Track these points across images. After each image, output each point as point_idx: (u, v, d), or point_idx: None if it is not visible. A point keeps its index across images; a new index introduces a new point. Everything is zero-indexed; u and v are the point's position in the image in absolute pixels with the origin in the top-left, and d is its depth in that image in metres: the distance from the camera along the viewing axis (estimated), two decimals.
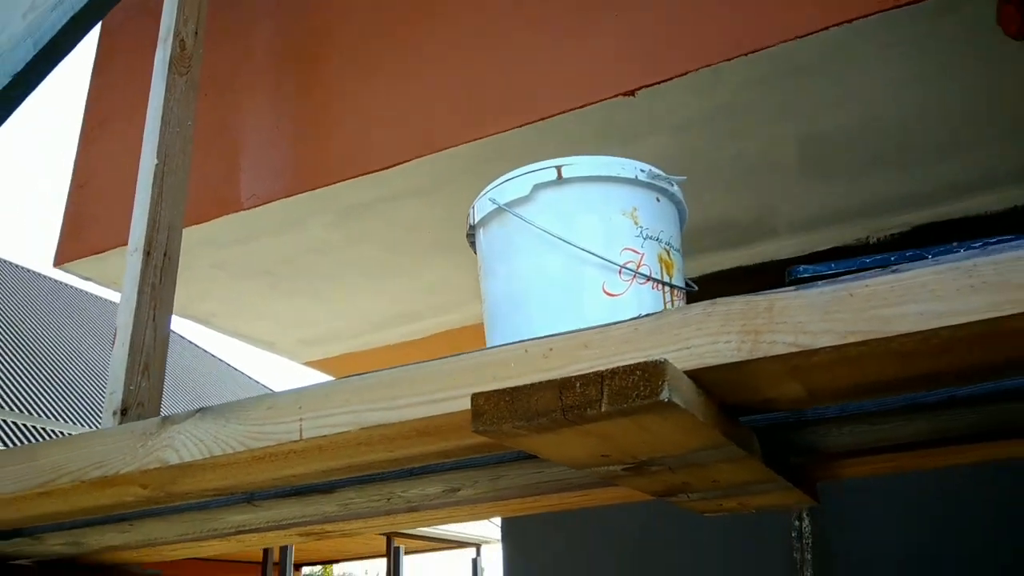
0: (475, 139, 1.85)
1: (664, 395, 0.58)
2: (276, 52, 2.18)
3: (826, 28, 1.50)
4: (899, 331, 0.59)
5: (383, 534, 10.73)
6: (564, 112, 1.76)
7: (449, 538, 12.98)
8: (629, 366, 0.60)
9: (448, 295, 2.57)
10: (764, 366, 0.64)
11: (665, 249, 0.84)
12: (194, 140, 1.76)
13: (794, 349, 0.62)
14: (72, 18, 0.81)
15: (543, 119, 1.78)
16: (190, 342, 16.70)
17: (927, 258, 0.77)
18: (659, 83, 1.67)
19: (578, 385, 0.61)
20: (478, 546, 13.27)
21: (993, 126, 1.83)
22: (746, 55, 1.58)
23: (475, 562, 12.72)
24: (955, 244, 0.79)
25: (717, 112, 1.77)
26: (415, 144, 1.91)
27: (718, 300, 0.66)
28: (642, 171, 0.84)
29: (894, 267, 0.61)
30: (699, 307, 0.66)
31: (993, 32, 1.53)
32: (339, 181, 1.97)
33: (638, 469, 0.81)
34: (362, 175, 1.95)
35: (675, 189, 0.90)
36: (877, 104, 1.77)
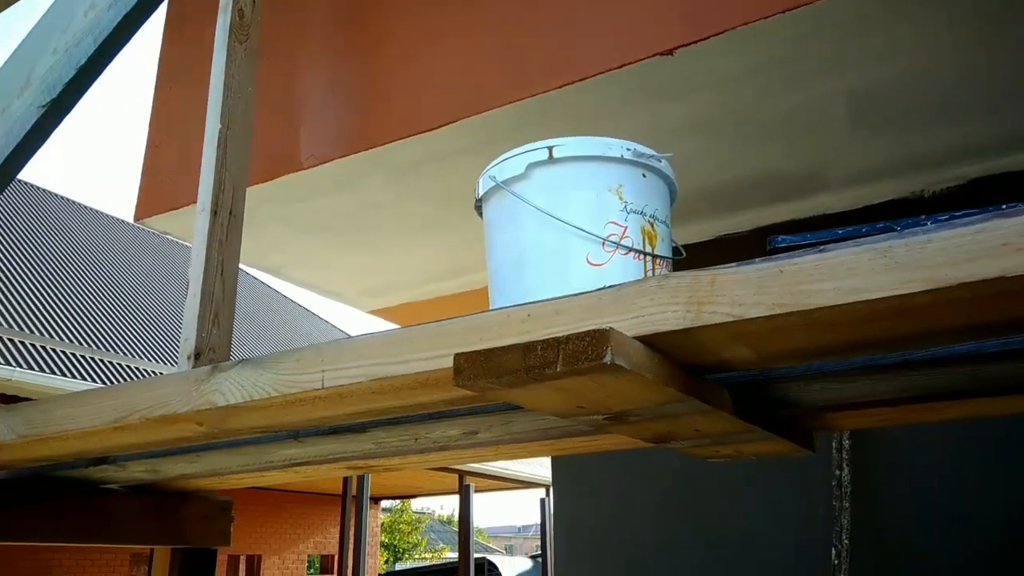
0: (519, 99, 1.94)
1: (608, 358, 0.69)
2: (331, 17, 2.30)
3: None
4: (819, 304, 0.67)
5: (454, 471, 11.23)
6: (604, 72, 1.82)
7: (518, 478, 13.42)
8: (580, 332, 0.71)
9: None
10: (708, 332, 0.74)
11: (649, 222, 0.93)
12: (256, 103, 1.92)
13: (730, 319, 0.71)
14: (125, 15, 0.95)
15: (584, 79, 1.85)
16: (274, 290, 17.51)
17: (896, 231, 0.84)
18: (697, 42, 1.71)
19: (539, 348, 0.73)
20: (547, 487, 13.68)
21: None
22: (783, 12, 1.60)
23: (543, 502, 13.13)
24: (924, 217, 0.86)
25: (761, 68, 1.80)
26: (462, 105, 2.01)
27: (671, 275, 0.76)
28: (628, 150, 0.93)
29: (821, 247, 0.69)
30: (654, 280, 0.76)
31: None
32: (391, 141, 2.10)
33: (618, 418, 0.92)
34: (412, 135, 2.08)
35: (662, 165, 0.98)
36: (926, 58, 1.76)
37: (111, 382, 8.45)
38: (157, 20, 2.29)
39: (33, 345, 8.46)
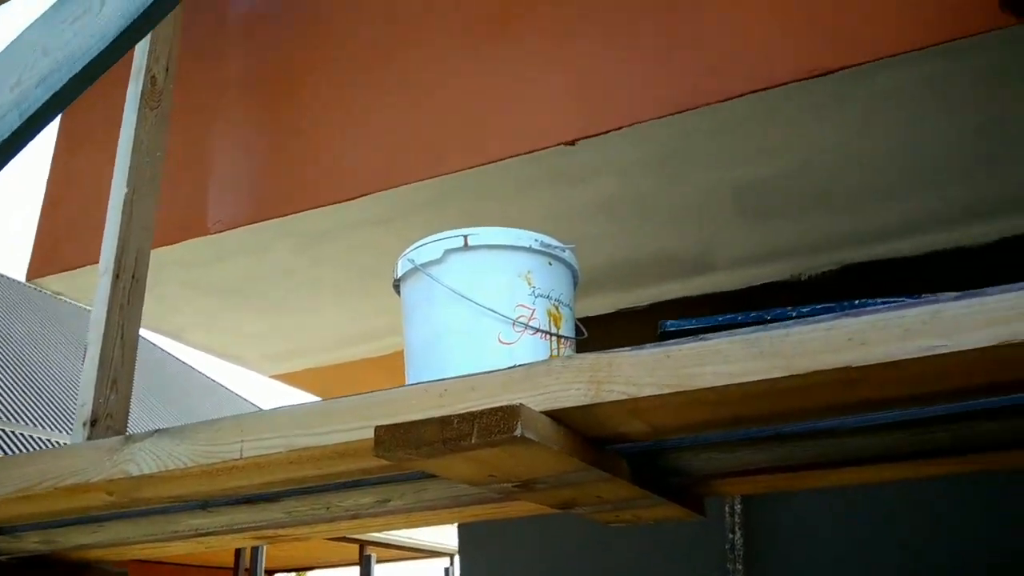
0: (433, 176, 2.05)
1: (518, 431, 0.78)
2: (247, 84, 2.37)
3: (743, 95, 1.71)
4: (701, 385, 0.79)
5: (355, 541, 10.88)
6: (512, 156, 1.96)
7: (422, 547, 13.13)
8: (493, 408, 0.80)
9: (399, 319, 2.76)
10: (607, 408, 0.84)
11: (555, 305, 1.04)
12: (166, 164, 1.95)
13: (626, 396, 0.82)
14: (53, 94, 0.99)
15: (493, 162, 1.98)
16: (176, 358, 16.87)
17: (767, 320, 0.97)
18: (596, 135, 1.87)
19: (456, 422, 0.81)
20: (451, 555, 13.42)
21: (914, 176, 2.05)
22: (671, 115, 1.79)
23: (447, 571, 12.87)
24: (791, 309, 0.99)
25: (655, 159, 1.99)
26: (377, 178, 2.11)
27: (574, 356, 0.86)
28: (536, 240, 1.04)
29: (702, 336, 0.81)
30: (559, 361, 0.87)
31: (911, 94, 1.75)
32: (302, 210, 2.16)
33: (526, 486, 1.01)
34: (326, 205, 2.14)
35: (567, 254, 1.10)
36: (806, 153, 1.99)
37: None
38: None
39: None
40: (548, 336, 1.02)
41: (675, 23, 1.85)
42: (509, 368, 0.88)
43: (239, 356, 3.07)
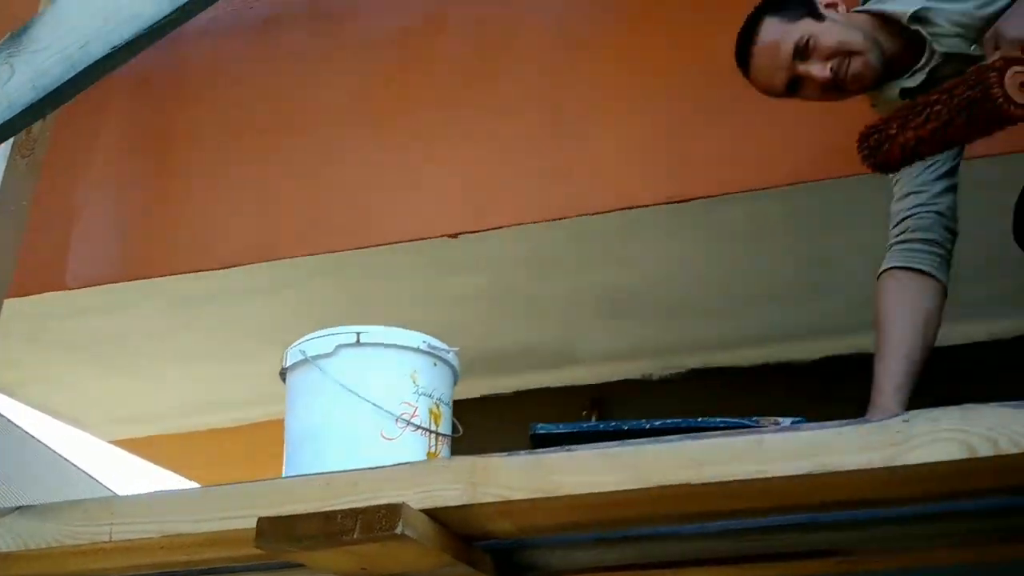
0: (314, 253, 2.10)
1: (399, 529, 0.85)
2: (125, 142, 2.35)
3: (610, 211, 1.91)
4: (565, 492, 0.90)
5: None
6: (393, 243, 2.06)
7: None
8: (376, 505, 0.87)
9: (260, 389, 2.71)
10: (481, 509, 0.93)
11: (436, 404, 1.13)
12: (32, 215, 1.89)
13: (500, 499, 0.91)
14: None
15: (377, 245, 2.07)
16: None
17: (624, 430, 1.10)
18: (479, 231, 2.01)
19: (339, 517, 0.87)
20: None
21: (752, 296, 2.32)
22: (549, 221, 1.96)
23: None
24: (646, 422, 1.12)
25: (528, 258, 2.14)
26: (256, 249, 2.13)
27: (456, 458, 0.95)
28: (424, 342, 1.14)
29: (569, 448, 0.92)
30: (441, 461, 0.95)
31: (752, 225, 2.00)
32: (170, 274, 2.14)
33: None
34: (196, 272, 2.13)
35: (451, 356, 1.20)
36: (662, 266, 2.21)
37: None
38: None
39: None
40: (427, 433, 1.10)
41: (559, 141, 2.03)
42: (393, 465, 0.95)
43: (78, 417, 2.90)
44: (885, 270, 1.34)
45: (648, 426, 1.08)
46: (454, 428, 1.19)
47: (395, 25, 2.35)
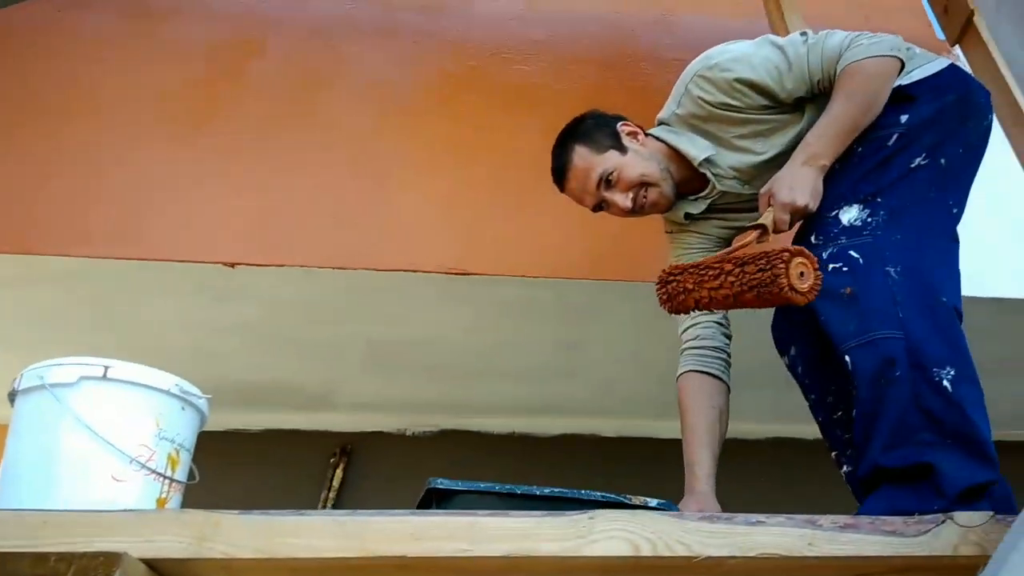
0: (64, 255, 2.00)
1: None
2: None
3: (390, 270, 2.02)
4: (289, 555, 0.96)
5: None
6: (167, 260, 2.01)
7: None
8: (96, 551, 0.88)
9: None
10: (203, 564, 0.97)
11: (176, 449, 1.14)
12: None
13: (223, 556, 0.96)
14: None
15: (148, 260, 2.01)
16: None
17: (517, 493, 1.16)
18: (257, 265, 2.02)
19: (52, 560, 0.87)
20: None
21: (509, 369, 2.51)
22: (331, 268, 2.02)
23: None
24: (535, 488, 1.17)
25: (299, 300, 2.18)
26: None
27: (186, 510, 0.98)
28: (176, 385, 1.15)
29: (303, 511, 0.99)
30: (171, 512, 0.98)
31: (518, 305, 2.19)
32: None
33: None
34: None
35: (202, 403, 1.22)
36: (431, 329, 2.33)
37: None
38: None
39: None
40: (161, 479, 1.11)
41: (358, 193, 2.12)
42: (120, 511, 0.96)
43: None
44: (683, 373, 1.52)
45: (539, 492, 1.15)
46: (191, 475, 1.20)
47: (213, 37, 2.34)
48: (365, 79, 2.34)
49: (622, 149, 1.47)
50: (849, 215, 1.26)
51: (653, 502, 1.15)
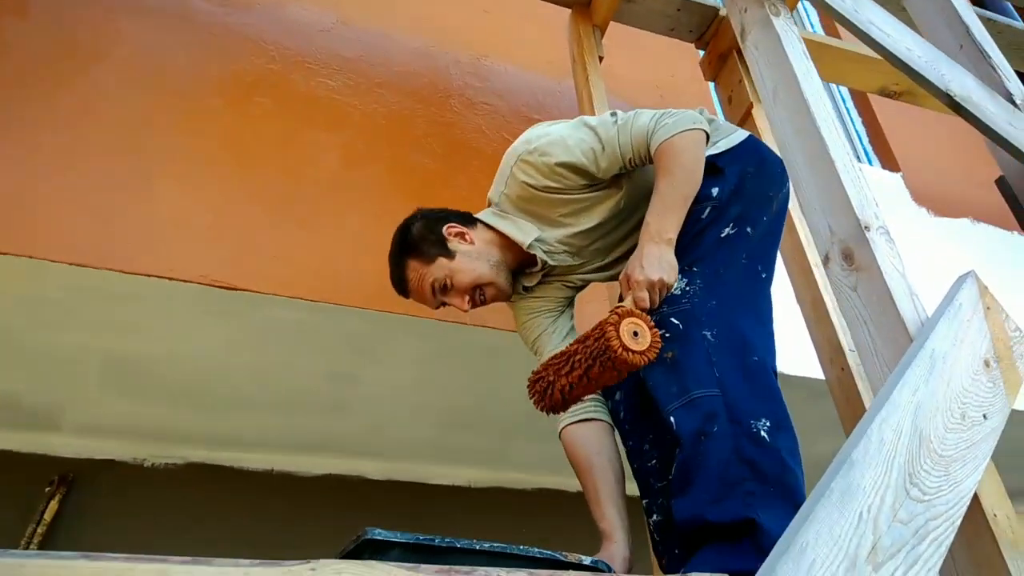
0: None
1: None
2: None
3: (147, 275, 1.77)
4: None
5: None
6: None
7: None
8: None
9: None
10: None
11: None
12: None
13: None
14: None
15: None
16: None
17: (456, 547, 0.97)
18: None
19: None
20: None
21: (269, 398, 2.28)
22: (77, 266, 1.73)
23: None
24: (475, 541, 1.00)
25: (22, 297, 1.85)
26: None
27: None
28: None
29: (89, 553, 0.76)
30: None
31: (288, 332, 1.99)
32: None
33: None
34: None
35: None
36: (181, 344, 2.06)
37: None
38: None
39: None
40: None
41: (133, 192, 1.84)
42: None
43: None
44: (569, 424, 1.46)
45: (478, 547, 0.99)
46: None
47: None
48: (143, 60, 2.09)
49: (449, 255, 1.49)
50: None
51: (587, 560, 1.05)
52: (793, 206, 1.88)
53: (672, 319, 1.28)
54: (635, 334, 1.14)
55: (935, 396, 1.00)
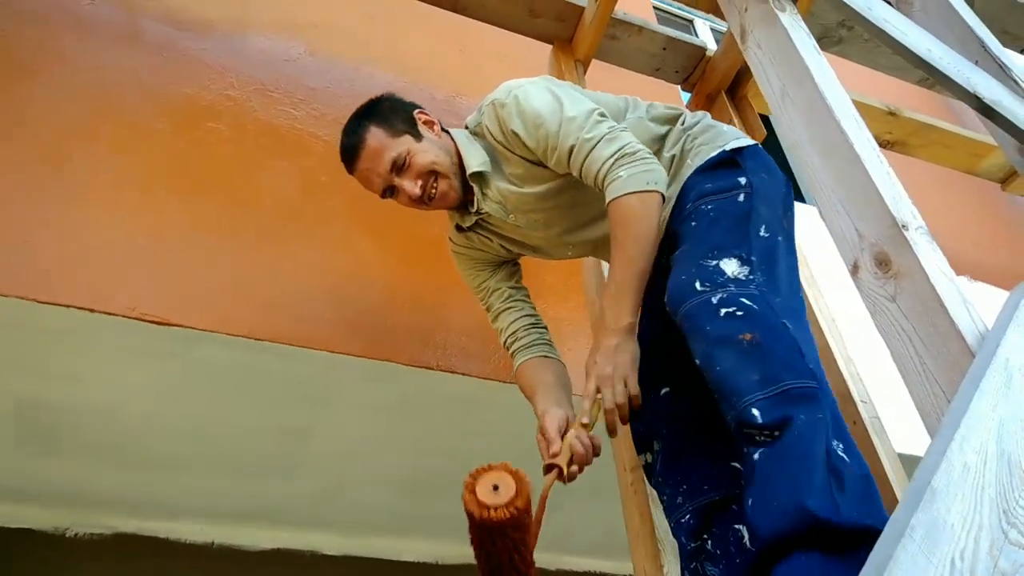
0: None
1: None
2: None
3: (57, 304, 1.52)
4: None
5: None
6: None
7: None
8: None
9: None
10: None
11: None
12: None
13: None
14: None
15: None
16: None
17: None
18: None
19: None
20: None
21: (206, 455, 2.01)
22: None
23: None
24: None
25: None
26: None
27: None
28: None
29: None
30: None
31: (223, 374, 1.75)
32: None
33: None
34: None
35: None
36: (111, 391, 1.81)
37: None
38: None
39: None
40: None
41: (28, 201, 1.62)
42: None
43: None
44: (518, 367, 1.48)
45: None
46: None
47: None
48: (83, 77, 1.90)
49: (417, 136, 1.43)
50: (731, 267, 1.14)
51: None
52: None
53: (743, 299, 1.08)
54: (495, 488, 0.92)
55: (1018, 413, 0.78)
